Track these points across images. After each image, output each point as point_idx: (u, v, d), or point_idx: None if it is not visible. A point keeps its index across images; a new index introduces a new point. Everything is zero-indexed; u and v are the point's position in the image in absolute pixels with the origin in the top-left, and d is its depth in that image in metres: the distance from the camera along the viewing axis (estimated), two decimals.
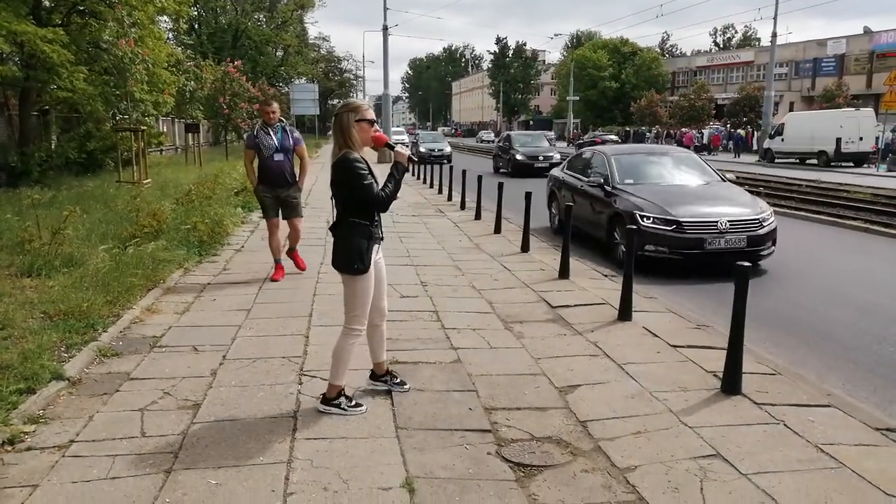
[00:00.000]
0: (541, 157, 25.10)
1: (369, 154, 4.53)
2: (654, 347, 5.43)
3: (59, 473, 3.33)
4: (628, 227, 7.28)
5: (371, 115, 4.00)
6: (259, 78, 41.78)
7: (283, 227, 7.66)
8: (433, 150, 32.63)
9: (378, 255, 4.13)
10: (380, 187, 3.91)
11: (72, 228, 7.94)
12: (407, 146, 6.29)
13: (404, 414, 4.08)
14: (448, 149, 34.07)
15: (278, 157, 7.24)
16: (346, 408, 4.09)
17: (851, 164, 30.67)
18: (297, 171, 7.54)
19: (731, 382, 4.50)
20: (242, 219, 11.65)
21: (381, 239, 4.09)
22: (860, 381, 5.11)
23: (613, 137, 50.28)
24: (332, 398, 4.10)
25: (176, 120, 28.46)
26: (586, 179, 10.46)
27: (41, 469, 3.37)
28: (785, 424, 4.04)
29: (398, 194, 4.00)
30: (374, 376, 4.50)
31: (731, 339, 4.50)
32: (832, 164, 30.68)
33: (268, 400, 4.24)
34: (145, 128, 16.51)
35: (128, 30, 16.51)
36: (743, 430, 3.95)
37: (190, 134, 25.41)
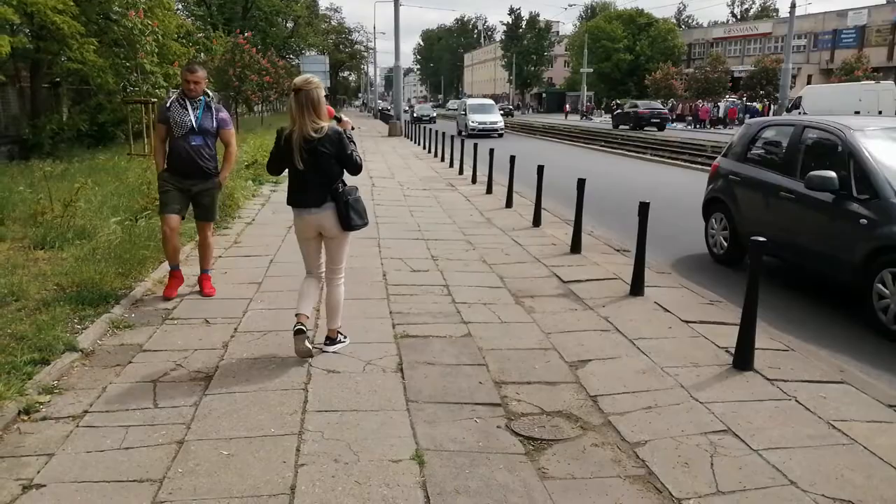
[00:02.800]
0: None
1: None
2: (666, 323, 5.40)
3: (73, 443, 3.37)
4: None
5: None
6: (269, 50, 41.50)
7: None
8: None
9: None
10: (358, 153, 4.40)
11: (84, 201, 7.97)
12: (434, 121, 6.31)
13: (414, 387, 4.09)
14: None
15: (195, 140, 5.54)
16: (344, 340, 4.71)
17: None
18: (220, 161, 5.89)
19: (743, 358, 4.47)
20: (254, 192, 11.65)
21: None
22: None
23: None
24: (335, 338, 4.66)
25: None
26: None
27: (56, 438, 3.40)
28: (797, 400, 4.02)
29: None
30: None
31: (743, 314, 4.46)
32: None
33: (279, 372, 4.26)
34: (156, 100, 16.46)
35: (137, 1, 16.43)
36: (754, 406, 3.93)
37: None
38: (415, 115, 46.96)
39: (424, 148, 23.19)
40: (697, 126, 44.17)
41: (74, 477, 3.07)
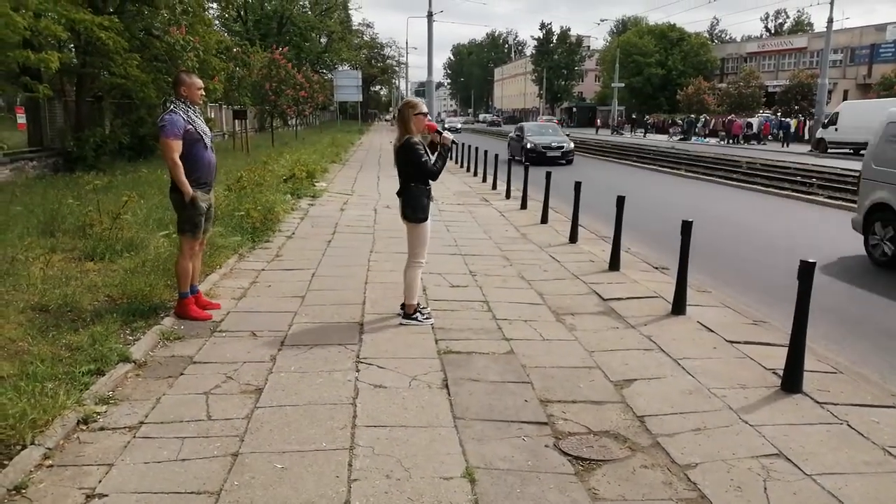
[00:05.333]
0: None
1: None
2: (711, 343, 5.36)
3: (131, 454, 3.45)
4: None
5: (424, 109, 5.52)
6: (303, 64, 42.16)
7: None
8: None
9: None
10: (432, 162, 5.40)
11: (130, 214, 8.17)
12: (458, 131, 6.77)
13: (461, 404, 4.12)
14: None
15: (211, 149, 5.54)
16: (421, 320, 5.58)
17: None
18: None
19: (791, 380, 4.42)
20: (292, 206, 11.82)
21: (432, 199, 5.61)
22: None
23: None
24: (411, 314, 5.60)
25: (223, 106, 28.91)
26: None
27: (114, 449, 3.49)
28: (848, 425, 3.96)
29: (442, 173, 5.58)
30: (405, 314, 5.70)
31: (792, 336, 4.42)
32: None
33: (327, 386, 4.32)
34: None
35: (179, 17, 16.83)
36: (805, 430, 3.89)
37: (237, 120, 25.78)
38: (446, 126, 47.03)
39: (456, 162, 23.30)
40: (731, 142, 43.71)
41: (134, 487, 3.14)
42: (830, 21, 35.85)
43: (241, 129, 25.16)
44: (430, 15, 31.88)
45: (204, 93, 5.60)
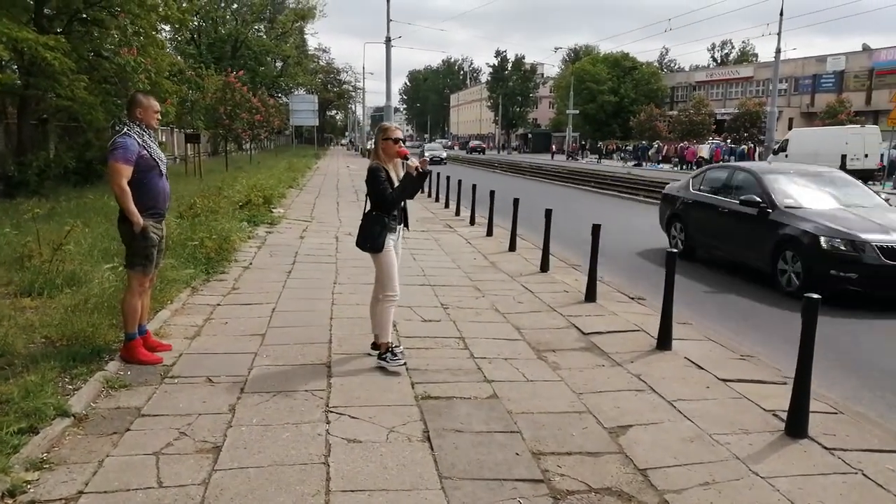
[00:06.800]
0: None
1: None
2: (702, 382, 5.07)
3: None
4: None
5: (395, 134, 5.17)
6: (258, 88, 41.46)
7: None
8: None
9: (399, 241, 5.37)
10: (390, 191, 5.02)
11: (73, 244, 7.55)
12: (443, 162, 6.37)
13: (446, 460, 3.71)
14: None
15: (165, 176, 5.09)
16: (389, 361, 5.08)
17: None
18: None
19: (796, 425, 4.15)
20: (249, 234, 11.26)
21: (393, 230, 5.17)
22: None
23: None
24: (382, 353, 5.14)
25: (175, 130, 28.08)
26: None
27: None
28: (864, 474, 3.69)
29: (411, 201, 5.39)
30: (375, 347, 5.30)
31: (796, 378, 4.15)
32: None
33: (294, 442, 3.86)
34: None
35: (130, 38, 16.22)
36: (821, 482, 3.59)
37: (190, 144, 25.02)
38: (425, 154, 45.03)
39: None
40: (684, 167, 44.52)
41: None
42: (778, 52, 36.98)
43: (193, 154, 24.39)
44: (388, 40, 31.77)
45: (159, 115, 5.13)
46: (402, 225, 5.38)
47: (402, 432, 4.03)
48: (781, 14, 35.88)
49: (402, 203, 5.28)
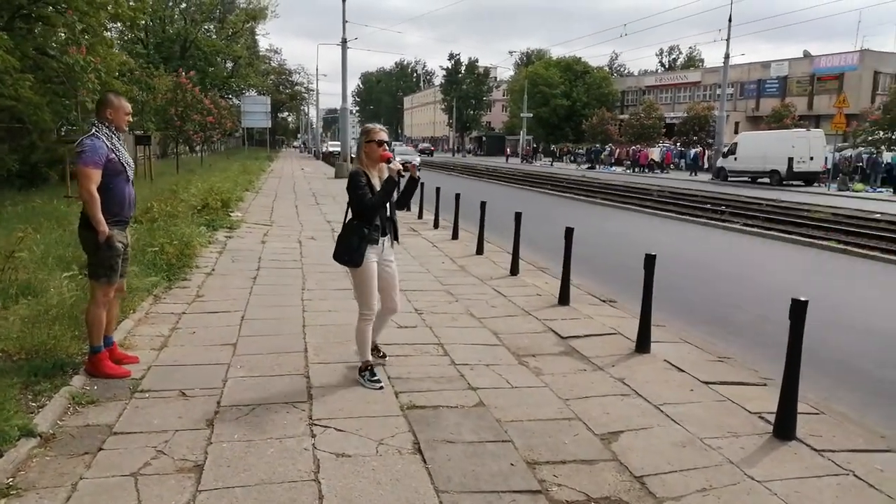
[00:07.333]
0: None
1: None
2: (685, 385, 5.07)
3: None
4: None
5: (379, 136, 4.78)
6: (209, 89, 40.62)
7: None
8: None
9: (387, 256, 4.94)
10: (370, 196, 4.65)
11: (27, 251, 7.18)
12: (417, 167, 5.82)
13: (441, 473, 3.59)
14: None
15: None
16: (365, 381, 4.79)
17: (802, 182, 31.49)
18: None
19: (785, 427, 4.16)
20: (209, 239, 10.92)
21: (376, 241, 4.73)
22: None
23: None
24: (361, 370, 4.88)
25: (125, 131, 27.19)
26: None
27: None
28: (855, 475, 3.72)
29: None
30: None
31: (784, 380, 4.16)
32: (784, 182, 31.43)
33: (280, 458, 3.68)
34: None
35: (79, 36, 15.63)
36: (815, 484, 3.60)
37: (140, 146, 24.25)
38: (397, 158, 44.78)
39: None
40: (636, 170, 45.33)
41: None
42: (727, 57, 37.97)
43: (143, 156, 23.64)
44: (343, 42, 31.42)
45: (129, 117, 4.85)
46: (391, 237, 4.96)
47: (391, 444, 3.90)
48: (730, 21, 36.93)
49: (390, 213, 4.87)
